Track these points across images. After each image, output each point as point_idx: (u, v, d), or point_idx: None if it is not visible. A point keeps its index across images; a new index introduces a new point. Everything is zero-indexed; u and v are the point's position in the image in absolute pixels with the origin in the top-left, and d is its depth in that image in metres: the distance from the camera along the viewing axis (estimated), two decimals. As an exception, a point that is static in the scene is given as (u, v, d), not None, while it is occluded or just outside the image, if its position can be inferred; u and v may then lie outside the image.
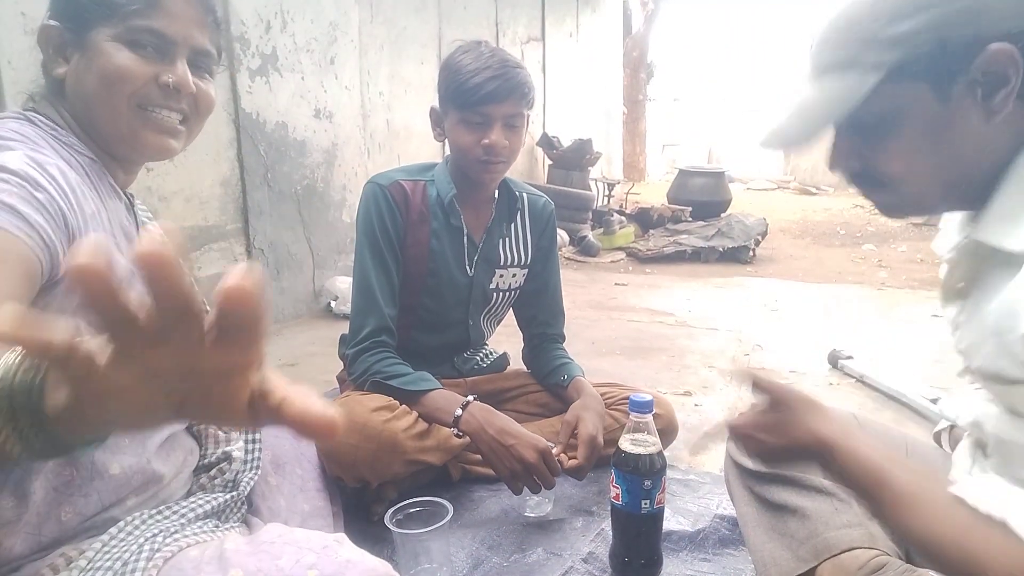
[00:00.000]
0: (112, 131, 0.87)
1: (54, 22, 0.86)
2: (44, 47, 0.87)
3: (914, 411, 2.09)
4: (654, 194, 7.14)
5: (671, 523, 1.41)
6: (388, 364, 1.48)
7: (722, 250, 4.89)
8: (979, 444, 0.84)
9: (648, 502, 1.20)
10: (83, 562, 0.77)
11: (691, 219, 5.63)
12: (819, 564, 0.94)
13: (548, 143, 5.60)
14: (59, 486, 0.80)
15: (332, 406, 0.39)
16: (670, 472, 1.47)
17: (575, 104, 6.87)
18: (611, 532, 1.31)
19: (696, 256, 4.90)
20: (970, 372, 0.82)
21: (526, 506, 1.49)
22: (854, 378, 2.43)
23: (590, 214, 5.43)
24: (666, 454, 1.28)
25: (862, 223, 6.73)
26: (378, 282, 1.51)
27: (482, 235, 1.62)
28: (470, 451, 1.55)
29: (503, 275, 1.67)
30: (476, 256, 1.61)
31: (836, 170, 0.82)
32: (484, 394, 1.53)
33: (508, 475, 1.36)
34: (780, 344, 2.88)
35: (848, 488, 0.76)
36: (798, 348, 2.82)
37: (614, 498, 1.23)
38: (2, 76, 1.99)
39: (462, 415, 1.39)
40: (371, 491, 1.45)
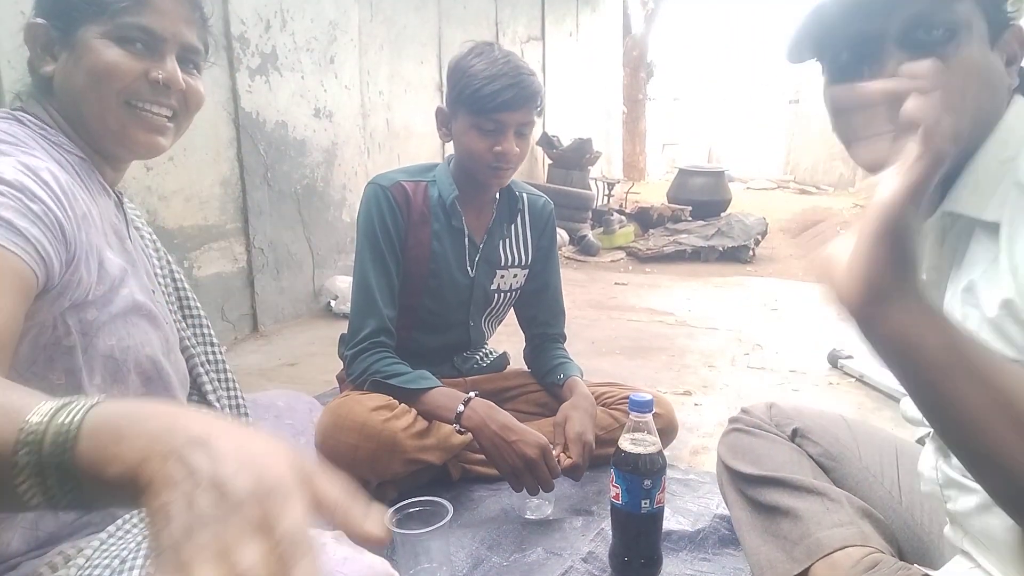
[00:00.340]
0: (101, 128, 0.87)
1: (41, 20, 0.86)
2: (31, 45, 0.87)
3: (913, 410, 2.09)
4: (654, 193, 7.15)
5: (671, 523, 1.41)
6: (387, 364, 1.48)
7: (722, 249, 4.90)
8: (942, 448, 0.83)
9: (648, 502, 1.20)
10: (81, 560, 0.77)
11: (691, 218, 5.64)
12: (813, 564, 0.94)
13: (548, 142, 5.60)
14: None
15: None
16: (670, 472, 1.47)
17: (575, 103, 6.87)
18: (611, 532, 1.31)
19: (696, 255, 4.91)
20: None
21: (526, 508, 1.49)
22: (854, 377, 2.43)
23: (590, 213, 5.43)
24: (666, 454, 1.28)
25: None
26: (378, 283, 1.51)
27: (483, 236, 1.62)
28: (470, 450, 1.56)
29: (504, 276, 1.67)
30: (477, 257, 1.61)
31: (885, 75, 0.74)
32: (484, 393, 1.53)
33: (509, 472, 1.36)
34: (780, 343, 2.88)
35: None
36: (798, 347, 2.82)
37: (614, 498, 1.23)
38: (1, 76, 1.99)
39: (464, 411, 1.39)
40: (371, 491, 1.45)
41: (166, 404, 0.44)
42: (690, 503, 1.53)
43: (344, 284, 3.28)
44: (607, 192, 6.16)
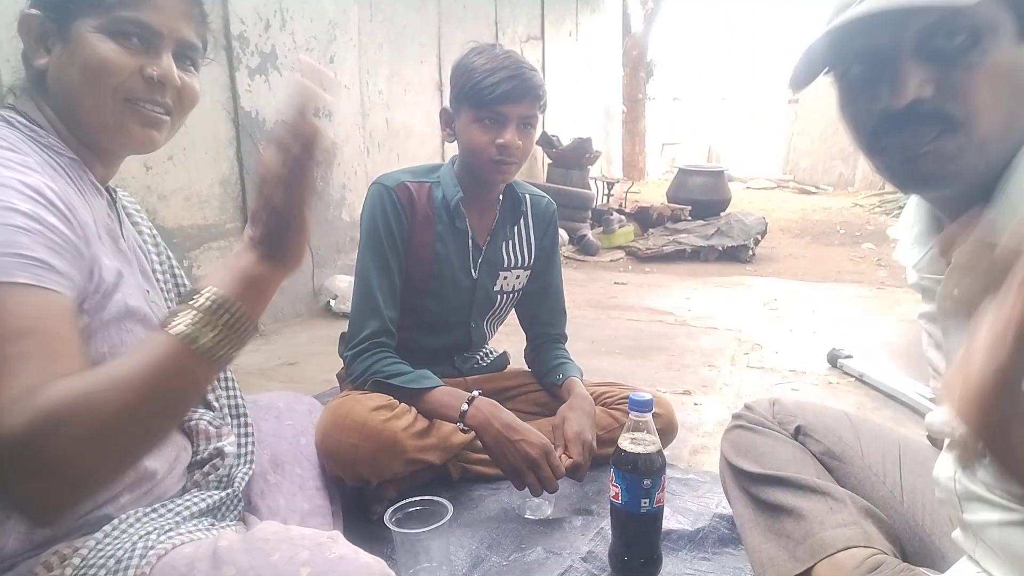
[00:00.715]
0: (96, 123, 0.85)
1: (35, 11, 0.84)
2: (25, 36, 0.85)
3: (913, 410, 2.09)
4: (654, 193, 7.15)
5: (670, 522, 1.41)
6: (388, 364, 1.48)
7: (721, 249, 4.90)
8: (968, 457, 0.80)
9: (647, 501, 1.20)
10: (77, 560, 0.77)
11: (691, 218, 5.64)
12: (816, 564, 0.94)
13: (548, 142, 5.60)
14: None
15: None
16: (669, 471, 1.47)
17: (575, 103, 6.87)
18: (610, 531, 1.31)
19: (696, 255, 4.91)
20: None
21: (526, 508, 1.48)
22: (853, 377, 2.43)
23: (590, 213, 5.43)
24: (666, 453, 1.28)
25: (861, 222, 6.74)
26: (379, 284, 1.51)
27: (486, 238, 1.61)
28: (470, 450, 1.56)
29: (507, 277, 1.66)
30: (480, 259, 1.61)
31: (902, 98, 0.69)
32: (484, 393, 1.53)
33: (512, 471, 1.36)
34: (780, 343, 2.88)
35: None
36: (798, 347, 2.82)
37: (613, 497, 1.23)
38: (1, 75, 1.98)
39: (468, 409, 1.39)
40: (371, 490, 1.45)
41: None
42: (690, 502, 1.53)
43: (344, 283, 3.27)
44: (607, 192, 6.16)
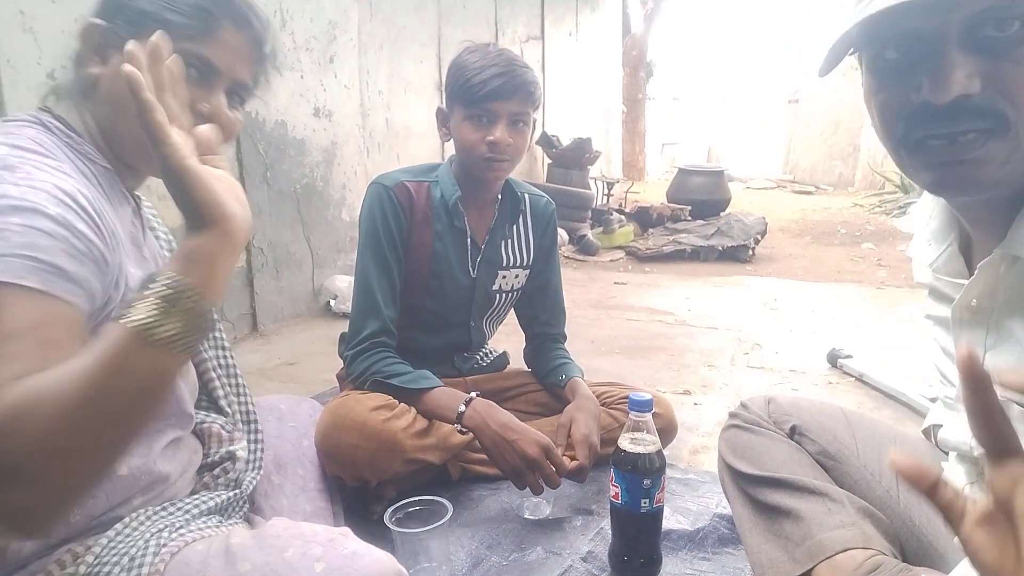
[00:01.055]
0: (134, 143, 0.85)
1: (102, 21, 0.85)
2: (84, 43, 0.85)
3: (913, 410, 2.09)
4: (653, 193, 7.15)
5: (670, 522, 1.41)
6: (388, 364, 1.48)
7: (721, 249, 4.90)
8: (981, 472, 0.80)
9: (647, 501, 1.20)
10: (90, 558, 0.78)
11: (690, 218, 5.64)
12: (815, 566, 0.94)
13: (548, 142, 5.60)
14: None
15: None
16: (669, 471, 1.47)
17: (574, 103, 6.87)
18: (610, 531, 1.31)
19: (695, 255, 4.91)
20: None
21: (524, 508, 1.49)
22: (853, 377, 2.43)
23: (589, 213, 5.43)
24: (665, 453, 1.28)
25: (861, 222, 6.74)
26: (379, 283, 1.51)
27: (485, 236, 1.62)
28: (470, 450, 1.56)
29: (505, 276, 1.67)
30: (479, 258, 1.61)
31: (946, 94, 0.63)
32: (484, 393, 1.53)
33: (511, 471, 1.36)
34: (779, 343, 2.88)
35: None
36: (797, 347, 2.82)
37: (613, 497, 1.23)
38: (1, 75, 1.99)
39: (465, 411, 1.40)
40: (370, 490, 1.45)
41: None
42: (690, 502, 1.53)
43: (344, 283, 3.28)
44: (607, 192, 6.15)
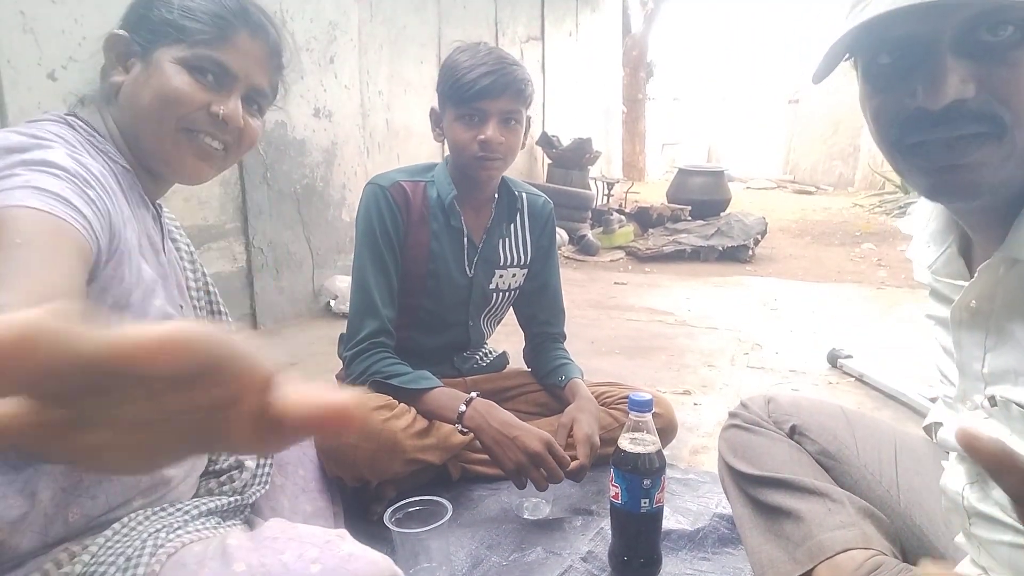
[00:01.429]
0: (153, 146, 0.89)
1: (124, 32, 0.88)
2: (108, 53, 0.89)
3: (913, 410, 2.09)
4: (653, 193, 7.15)
5: (670, 522, 1.41)
6: (387, 364, 1.48)
7: (721, 249, 4.90)
8: (981, 473, 0.79)
9: (647, 501, 1.20)
10: (86, 557, 0.78)
11: (690, 218, 5.64)
12: (815, 566, 0.94)
13: (548, 142, 5.60)
14: (67, 487, 0.81)
15: (342, 394, 0.32)
16: (669, 471, 1.47)
17: (575, 103, 6.87)
18: (610, 531, 1.31)
19: (695, 255, 4.91)
20: (992, 403, 0.75)
21: (524, 508, 1.49)
22: (853, 377, 2.43)
23: (590, 213, 5.43)
24: (665, 453, 1.28)
25: (861, 222, 6.74)
26: (377, 284, 1.51)
27: (482, 236, 1.62)
28: (470, 450, 1.56)
29: (503, 275, 1.67)
30: (476, 257, 1.61)
31: (940, 99, 0.63)
32: (483, 393, 1.54)
33: (513, 469, 1.36)
34: (780, 343, 2.88)
35: None
36: (798, 347, 2.82)
37: (613, 497, 1.23)
38: (1, 75, 1.99)
39: (466, 411, 1.40)
40: (370, 490, 1.45)
41: None
42: (690, 502, 1.53)
43: (344, 284, 3.28)
44: (607, 192, 6.15)
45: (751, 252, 4.92)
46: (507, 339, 1.91)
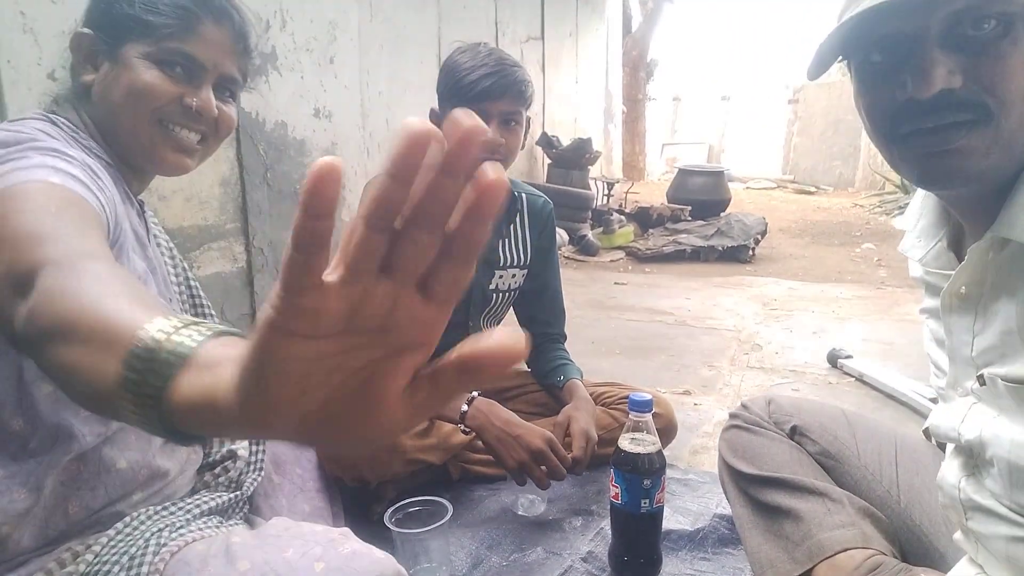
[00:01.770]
0: (132, 142, 0.89)
1: (88, 30, 0.89)
2: (75, 53, 0.90)
3: (913, 410, 2.09)
4: (653, 193, 7.14)
5: (670, 522, 1.41)
6: (387, 364, 1.48)
7: (721, 249, 4.89)
8: (975, 464, 0.79)
9: (647, 501, 1.20)
10: (90, 556, 0.78)
11: (690, 218, 5.64)
12: (815, 566, 0.94)
13: (547, 142, 5.60)
14: (66, 480, 0.81)
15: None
16: (669, 471, 1.47)
17: (574, 103, 6.87)
18: (610, 531, 1.31)
19: (695, 255, 4.90)
20: (981, 382, 0.76)
21: (519, 505, 1.49)
22: (853, 377, 2.43)
23: (590, 213, 5.43)
24: (665, 453, 1.28)
25: (861, 222, 6.74)
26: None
27: (481, 236, 1.61)
28: (470, 450, 1.56)
29: (502, 276, 1.66)
30: (475, 257, 1.61)
31: (928, 89, 0.66)
32: (483, 393, 1.53)
33: (515, 467, 1.36)
34: (780, 343, 2.88)
35: None
36: (798, 347, 2.82)
37: (613, 497, 1.23)
38: (1, 75, 1.99)
39: (468, 410, 1.40)
40: (370, 490, 1.45)
41: None
42: (690, 503, 1.53)
43: (344, 284, 3.28)
44: (607, 192, 6.15)
45: (751, 252, 4.91)
46: (507, 339, 1.90)
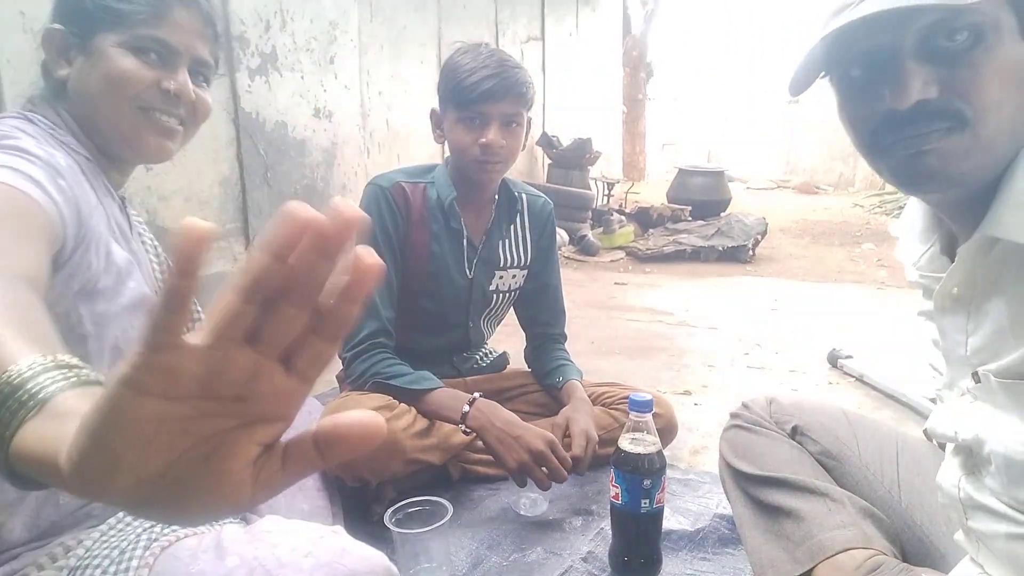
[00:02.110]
0: (113, 131, 0.90)
1: (58, 25, 0.89)
2: (47, 49, 0.90)
3: (913, 410, 2.09)
4: (654, 193, 7.14)
5: (671, 522, 1.41)
6: (388, 365, 1.48)
7: (722, 249, 4.89)
8: (974, 463, 0.79)
9: (648, 501, 1.20)
10: (81, 551, 0.79)
11: (691, 218, 5.63)
12: (815, 566, 0.94)
13: (548, 142, 5.60)
14: None
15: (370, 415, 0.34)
16: (670, 471, 1.47)
17: (575, 103, 6.87)
18: (611, 531, 1.31)
19: (696, 255, 4.90)
20: (976, 380, 0.76)
21: (520, 505, 1.49)
22: (854, 377, 2.43)
23: (590, 213, 5.43)
24: (666, 453, 1.28)
25: (861, 222, 6.73)
26: (376, 285, 1.51)
27: (482, 237, 1.62)
28: (470, 450, 1.56)
29: (503, 276, 1.67)
30: (476, 258, 1.61)
31: (905, 100, 0.67)
32: (484, 394, 1.54)
33: (516, 468, 1.36)
34: (780, 343, 2.88)
35: None
36: (797, 347, 2.82)
37: (613, 497, 1.23)
38: (1, 75, 1.99)
39: (469, 411, 1.40)
40: (371, 490, 1.45)
41: None
42: (690, 503, 1.53)
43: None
44: (607, 192, 6.15)
45: (751, 252, 4.91)
46: (507, 339, 1.91)
